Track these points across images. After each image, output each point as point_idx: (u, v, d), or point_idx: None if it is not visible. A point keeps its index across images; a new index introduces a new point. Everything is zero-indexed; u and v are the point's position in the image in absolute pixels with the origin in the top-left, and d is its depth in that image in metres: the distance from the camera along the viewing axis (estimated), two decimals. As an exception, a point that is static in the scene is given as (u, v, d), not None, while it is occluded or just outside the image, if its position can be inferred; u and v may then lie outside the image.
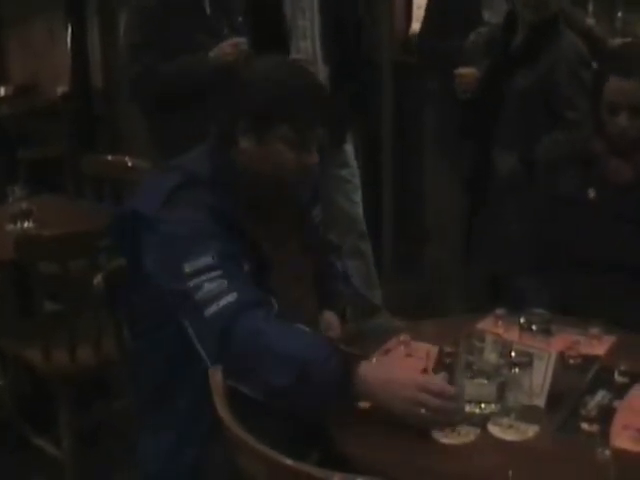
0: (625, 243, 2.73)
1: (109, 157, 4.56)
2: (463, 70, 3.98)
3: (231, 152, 2.24)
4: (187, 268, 2.06)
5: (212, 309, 2.02)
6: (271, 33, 4.12)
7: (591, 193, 2.79)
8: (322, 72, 4.19)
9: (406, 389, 1.91)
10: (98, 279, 2.51)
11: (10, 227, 3.64)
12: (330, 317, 2.51)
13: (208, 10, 3.80)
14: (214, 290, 2.03)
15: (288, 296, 2.29)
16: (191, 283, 2.05)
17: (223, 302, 2.02)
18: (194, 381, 2.17)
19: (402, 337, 2.34)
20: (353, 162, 4.50)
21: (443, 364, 2.15)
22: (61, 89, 7.49)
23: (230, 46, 3.67)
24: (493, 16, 4.20)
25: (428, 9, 4.58)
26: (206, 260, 2.06)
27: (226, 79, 2.95)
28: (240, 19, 3.94)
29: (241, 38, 3.71)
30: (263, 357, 1.98)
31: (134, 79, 3.82)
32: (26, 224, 3.64)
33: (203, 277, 2.05)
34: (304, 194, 2.45)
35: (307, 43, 4.17)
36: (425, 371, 2.15)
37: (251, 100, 2.21)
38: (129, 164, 4.16)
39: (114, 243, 2.42)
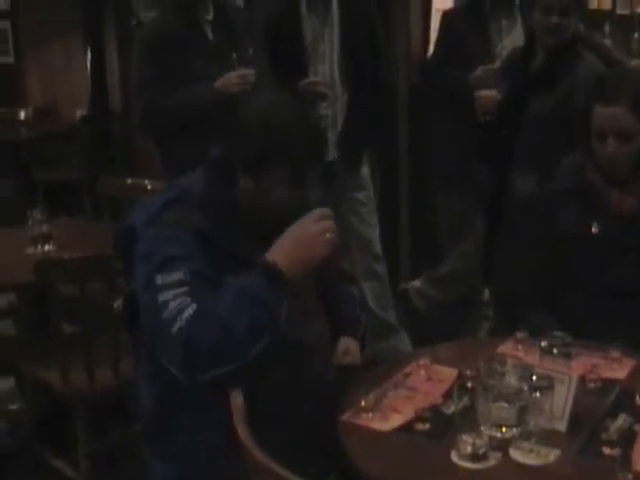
0: (635, 272, 2.71)
1: (128, 179, 4.57)
2: (483, 93, 4.00)
3: (231, 191, 2.27)
4: (159, 280, 2.11)
5: (177, 325, 2.05)
6: (291, 57, 4.13)
7: (594, 228, 2.77)
8: (340, 96, 4.22)
9: (307, 233, 2.13)
10: (118, 302, 2.52)
11: (30, 250, 3.65)
12: (348, 343, 2.51)
13: (211, 37, 3.80)
14: (177, 307, 2.07)
15: (294, 313, 2.31)
16: (160, 297, 2.09)
17: (185, 315, 2.05)
18: (192, 412, 2.23)
19: (422, 361, 2.34)
20: (369, 185, 4.51)
21: (464, 388, 2.14)
22: (80, 112, 7.55)
23: (237, 77, 3.65)
24: (504, 50, 4.24)
25: (437, 41, 4.62)
26: (177, 275, 2.10)
27: (226, 116, 2.95)
28: (251, 51, 3.93)
29: (249, 70, 3.70)
30: (222, 331, 2.03)
31: (141, 113, 3.83)
32: (46, 247, 3.66)
33: (171, 292, 2.08)
34: None
35: (325, 67, 4.18)
36: (445, 395, 2.15)
37: (248, 144, 2.22)
38: (148, 187, 4.16)
39: (119, 260, 2.47)
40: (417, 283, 5.04)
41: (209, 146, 2.40)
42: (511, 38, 4.28)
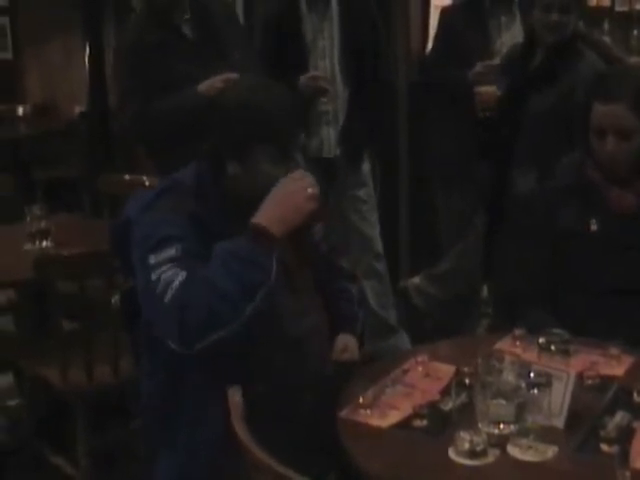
0: (636, 271, 2.71)
1: (126, 176, 4.57)
2: (483, 89, 4.00)
3: (221, 180, 2.29)
4: (152, 260, 2.13)
5: (169, 295, 2.07)
6: (291, 54, 4.12)
7: (593, 225, 2.77)
8: (341, 93, 4.22)
9: (288, 191, 2.17)
10: (116, 298, 2.53)
11: (28, 246, 3.65)
12: (347, 340, 2.51)
13: (191, 36, 3.75)
14: (168, 278, 2.08)
15: (289, 306, 2.33)
16: (153, 276, 2.11)
17: (175, 284, 2.07)
18: (191, 410, 2.25)
19: (420, 357, 2.34)
20: (370, 182, 4.50)
21: (462, 384, 2.15)
22: (79, 108, 7.55)
23: (222, 81, 3.54)
24: (503, 46, 4.23)
25: (436, 37, 4.61)
26: (170, 252, 2.12)
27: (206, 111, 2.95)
28: (237, 54, 3.88)
29: (234, 74, 3.63)
30: (214, 293, 2.05)
31: (130, 125, 3.80)
32: (44, 243, 3.66)
33: (163, 267, 2.11)
34: None
35: (326, 63, 4.18)
36: (443, 392, 2.15)
37: (230, 130, 2.26)
38: (146, 183, 4.16)
39: (115, 256, 2.49)
40: (416, 280, 5.04)
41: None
42: (510, 34, 4.27)
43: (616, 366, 2.31)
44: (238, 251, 2.11)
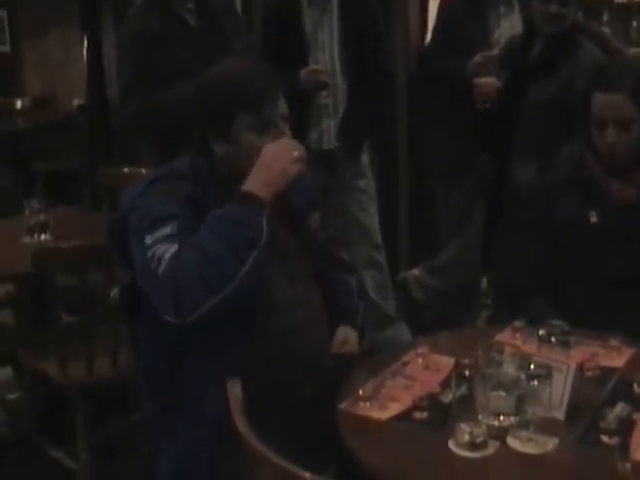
0: (636, 262, 2.71)
1: (125, 169, 4.56)
2: (482, 80, 3.99)
3: (212, 162, 2.31)
4: (148, 240, 2.13)
5: (161, 267, 2.07)
6: (291, 46, 4.11)
7: (593, 217, 2.77)
8: (340, 85, 4.21)
9: (274, 154, 2.17)
10: (115, 292, 2.52)
11: (27, 239, 3.65)
12: (347, 333, 2.51)
13: (194, 25, 3.72)
14: (161, 253, 2.09)
15: (285, 294, 2.33)
16: (149, 253, 2.11)
17: (167, 256, 2.08)
18: (191, 405, 2.25)
19: (420, 349, 2.34)
20: (369, 173, 4.50)
21: (462, 376, 2.14)
22: (77, 101, 7.54)
23: None
24: (501, 37, 4.22)
25: (435, 29, 4.60)
26: (165, 230, 2.13)
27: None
28: (239, 44, 3.83)
29: None
30: (205, 259, 2.06)
31: (134, 118, 3.77)
32: (43, 237, 3.66)
33: (159, 244, 2.11)
34: (297, 200, 2.46)
35: (326, 56, 4.17)
36: (443, 384, 2.15)
37: (205, 109, 2.31)
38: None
39: (113, 250, 2.49)
40: (416, 272, 5.03)
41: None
42: (508, 25, 4.26)
43: (616, 358, 2.31)
44: (227, 215, 2.12)
